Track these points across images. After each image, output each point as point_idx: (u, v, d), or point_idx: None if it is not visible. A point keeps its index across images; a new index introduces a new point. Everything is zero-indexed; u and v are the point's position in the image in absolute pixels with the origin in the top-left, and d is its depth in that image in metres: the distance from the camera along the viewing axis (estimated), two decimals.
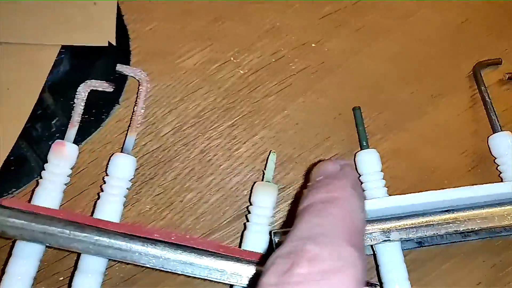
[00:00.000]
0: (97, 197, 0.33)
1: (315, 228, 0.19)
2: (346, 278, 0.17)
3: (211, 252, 0.28)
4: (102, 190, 0.32)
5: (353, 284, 0.17)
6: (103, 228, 0.28)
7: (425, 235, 0.29)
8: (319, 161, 0.34)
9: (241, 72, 0.37)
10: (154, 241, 0.28)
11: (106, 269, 0.32)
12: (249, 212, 0.33)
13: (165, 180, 0.35)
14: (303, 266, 0.17)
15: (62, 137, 0.33)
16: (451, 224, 0.28)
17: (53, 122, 0.35)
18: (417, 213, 0.29)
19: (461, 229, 0.28)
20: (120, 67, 0.34)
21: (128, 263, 0.31)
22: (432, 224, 0.29)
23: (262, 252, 0.30)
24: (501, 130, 0.34)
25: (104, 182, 0.32)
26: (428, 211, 0.29)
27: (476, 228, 0.29)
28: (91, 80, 0.34)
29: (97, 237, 0.27)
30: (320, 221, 0.19)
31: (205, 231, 0.35)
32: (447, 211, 0.29)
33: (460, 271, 0.34)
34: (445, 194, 0.29)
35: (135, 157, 0.35)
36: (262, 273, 0.18)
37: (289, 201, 0.35)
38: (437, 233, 0.28)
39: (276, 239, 0.29)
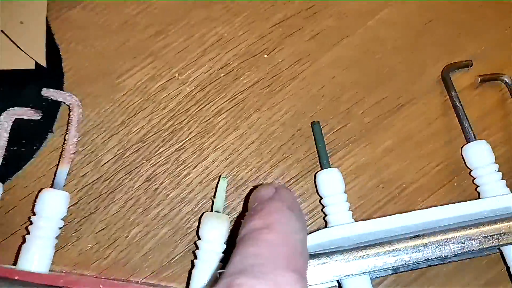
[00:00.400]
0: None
1: (249, 259, 0.17)
2: None
3: None
4: (28, 232, 0.28)
5: None
6: (19, 281, 0.24)
7: (392, 265, 0.25)
8: (255, 187, 0.31)
9: (187, 89, 0.33)
10: None
11: None
12: (197, 248, 0.29)
13: (107, 214, 0.32)
14: None
15: None
16: (420, 252, 0.25)
17: None
18: (382, 241, 0.26)
19: (432, 256, 0.25)
20: (46, 92, 0.30)
21: None
22: (399, 251, 0.25)
23: None
24: (475, 139, 0.31)
25: (31, 223, 0.29)
26: (395, 237, 0.26)
27: (449, 255, 0.25)
28: (14, 108, 0.30)
29: None
30: (255, 251, 0.18)
31: (154, 269, 0.31)
32: (416, 236, 0.25)
33: None
34: (414, 217, 0.25)
35: (73, 190, 0.31)
36: None
37: None
38: (405, 262, 0.25)
39: None
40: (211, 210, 0.30)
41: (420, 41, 0.35)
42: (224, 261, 0.29)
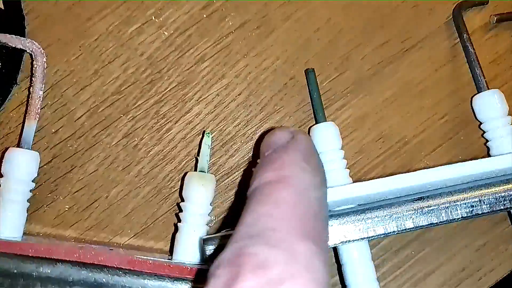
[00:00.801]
0: None
1: (262, 221, 0.16)
2: (302, 284, 0.14)
3: (127, 270, 0.22)
4: None
5: None
6: None
7: (394, 231, 0.23)
8: (271, 129, 0.28)
9: (166, 33, 0.30)
10: (52, 262, 0.22)
11: None
12: (180, 210, 0.27)
13: (84, 173, 0.29)
14: (249, 278, 0.14)
15: None
16: (424, 216, 0.23)
17: None
18: (382, 204, 0.23)
19: (437, 221, 0.23)
20: (2, 37, 0.26)
21: None
22: (400, 216, 0.23)
23: (196, 264, 0.24)
24: (488, 89, 0.28)
25: None
26: (397, 199, 0.23)
27: (456, 219, 0.23)
28: None
29: None
30: (268, 210, 0.16)
31: (137, 231, 0.29)
32: (420, 198, 0.23)
33: (440, 258, 0.29)
34: (417, 178, 0.23)
35: (45, 148, 0.29)
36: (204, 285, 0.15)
37: (234, 190, 0.29)
38: (406, 228, 0.23)
39: (210, 249, 0.23)
40: (195, 169, 0.28)
41: None
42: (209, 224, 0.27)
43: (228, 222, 0.29)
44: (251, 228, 0.16)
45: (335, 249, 0.27)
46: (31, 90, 0.27)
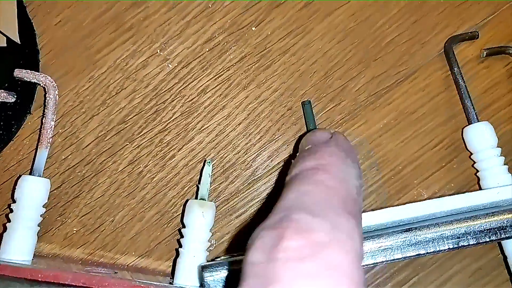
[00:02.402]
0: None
1: (304, 197, 0.16)
2: (344, 252, 0.14)
3: None
4: (8, 220, 0.28)
5: (353, 261, 0.14)
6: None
7: (382, 261, 0.24)
8: (308, 131, 0.30)
9: (170, 66, 0.31)
10: (60, 287, 0.24)
11: None
12: (181, 236, 0.28)
13: (91, 198, 0.31)
14: (294, 238, 0.14)
15: None
16: (411, 247, 0.24)
17: None
18: (371, 235, 0.24)
19: (425, 252, 0.24)
20: (18, 73, 0.28)
21: None
22: (389, 248, 0.24)
23: None
24: (478, 120, 0.28)
25: (11, 211, 0.28)
26: (385, 231, 0.24)
27: (443, 250, 0.24)
28: None
29: None
30: (310, 189, 0.17)
31: (141, 252, 0.31)
32: (408, 230, 0.24)
33: (434, 283, 0.30)
34: (406, 211, 0.24)
35: (55, 174, 0.31)
36: (245, 250, 0.15)
37: (235, 215, 0.31)
38: (394, 258, 0.24)
39: (208, 276, 0.24)
40: (196, 197, 0.29)
41: (422, 11, 0.32)
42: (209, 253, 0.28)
43: (229, 247, 0.30)
44: (292, 202, 0.16)
45: None
46: (43, 121, 0.29)
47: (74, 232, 0.31)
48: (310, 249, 0.14)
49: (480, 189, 0.28)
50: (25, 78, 0.29)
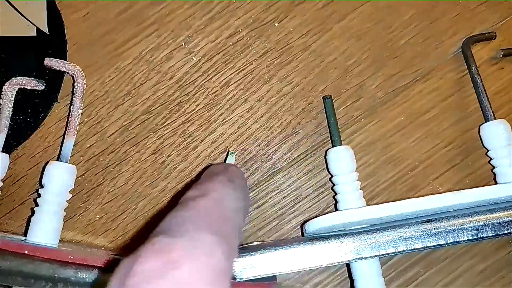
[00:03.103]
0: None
1: (173, 221, 0.17)
2: (198, 268, 0.14)
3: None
4: (36, 205, 0.28)
5: (209, 273, 0.14)
6: (28, 256, 0.24)
7: (403, 250, 0.25)
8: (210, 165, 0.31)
9: (194, 59, 0.32)
10: (90, 268, 0.24)
11: None
12: None
13: (114, 186, 0.32)
14: (148, 261, 0.14)
15: None
16: (432, 238, 0.25)
17: None
18: (393, 225, 0.25)
19: (444, 243, 0.25)
20: (48, 61, 0.29)
21: None
22: (410, 237, 0.25)
23: None
24: (494, 118, 0.30)
25: (39, 195, 0.29)
26: (406, 221, 0.25)
27: (462, 241, 0.25)
28: (17, 78, 0.29)
29: (21, 267, 0.24)
30: (181, 214, 0.17)
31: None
32: (428, 221, 0.25)
33: (445, 279, 0.31)
34: (426, 203, 0.25)
35: (79, 162, 0.31)
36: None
37: (255, 206, 0.31)
38: (415, 248, 0.25)
39: None
40: None
41: (438, 12, 0.33)
42: None
43: (249, 236, 0.31)
44: (162, 227, 0.17)
45: (348, 266, 0.29)
46: (71, 109, 0.30)
47: (97, 219, 0.31)
48: (162, 269, 0.14)
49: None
50: (54, 67, 0.29)
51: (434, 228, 0.24)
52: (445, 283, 0.31)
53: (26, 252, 0.25)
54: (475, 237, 0.24)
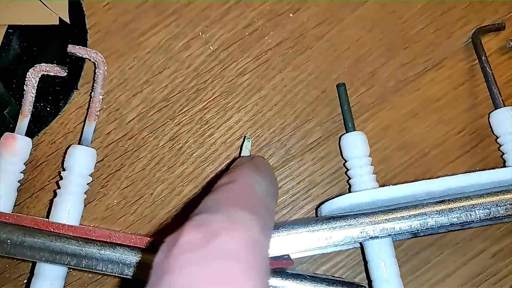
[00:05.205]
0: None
1: (209, 202, 0.18)
2: (237, 237, 0.15)
3: None
4: (58, 187, 0.29)
5: (247, 245, 0.15)
6: (55, 233, 0.25)
7: (417, 229, 0.25)
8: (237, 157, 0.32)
9: (211, 48, 0.33)
10: (113, 245, 0.25)
11: (73, 269, 0.29)
12: None
13: (133, 171, 0.32)
14: (190, 233, 0.16)
15: None
16: (445, 217, 0.25)
17: (6, 111, 0.32)
18: (407, 205, 0.26)
19: (457, 221, 0.25)
20: (71, 48, 0.30)
21: (86, 271, 0.28)
22: (424, 216, 0.25)
23: None
24: (504, 106, 0.30)
25: (61, 178, 0.29)
26: (420, 202, 0.26)
27: (474, 220, 0.25)
28: (41, 64, 0.30)
29: (48, 243, 0.25)
30: (215, 197, 0.19)
31: (178, 226, 0.32)
32: (442, 201, 0.26)
33: (456, 262, 0.31)
34: (438, 183, 0.26)
35: (99, 148, 0.32)
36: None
37: None
38: (430, 226, 0.25)
39: None
40: None
41: (449, 3, 0.34)
42: None
43: None
44: (200, 209, 0.18)
45: (362, 248, 0.29)
46: (92, 95, 0.31)
47: (115, 203, 0.32)
48: (203, 239, 0.15)
49: None
50: (77, 54, 0.30)
51: (448, 208, 0.25)
52: (458, 266, 0.31)
53: (52, 229, 0.25)
54: (487, 217, 0.25)
